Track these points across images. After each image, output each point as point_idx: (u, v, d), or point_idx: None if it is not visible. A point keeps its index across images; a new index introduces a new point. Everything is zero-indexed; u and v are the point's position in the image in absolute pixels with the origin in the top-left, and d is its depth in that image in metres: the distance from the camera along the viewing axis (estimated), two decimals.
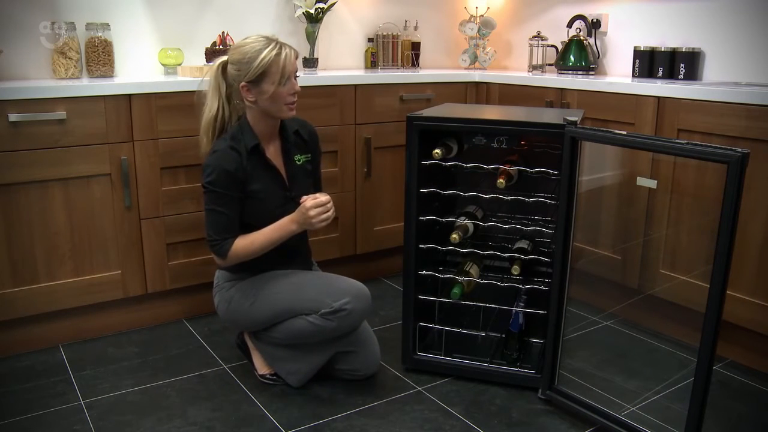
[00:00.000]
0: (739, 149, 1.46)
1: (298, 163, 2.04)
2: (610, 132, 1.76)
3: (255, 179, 1.93)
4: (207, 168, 1.89)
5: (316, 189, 2.09)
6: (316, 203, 1.87)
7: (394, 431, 1.83)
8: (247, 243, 1.91)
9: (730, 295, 2.05)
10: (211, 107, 1.96)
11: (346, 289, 1.94)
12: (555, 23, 3.25)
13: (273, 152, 2.00)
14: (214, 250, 1.94)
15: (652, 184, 2.29)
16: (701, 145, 1.55)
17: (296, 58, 1.92)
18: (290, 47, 1.90)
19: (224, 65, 1.92)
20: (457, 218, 2.16)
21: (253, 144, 1.92)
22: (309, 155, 2.09)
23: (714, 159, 1.52)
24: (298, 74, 1.94)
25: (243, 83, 1.87)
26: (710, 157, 1.53)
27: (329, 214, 1.89)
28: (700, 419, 1.59)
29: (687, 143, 1.58)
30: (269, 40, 1.87)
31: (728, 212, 1.47)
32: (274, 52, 1.85)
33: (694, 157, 1.58)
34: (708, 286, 1.52)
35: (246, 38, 1.90)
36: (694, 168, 2.22)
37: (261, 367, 2.08)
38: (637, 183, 2.35)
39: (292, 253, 2.08)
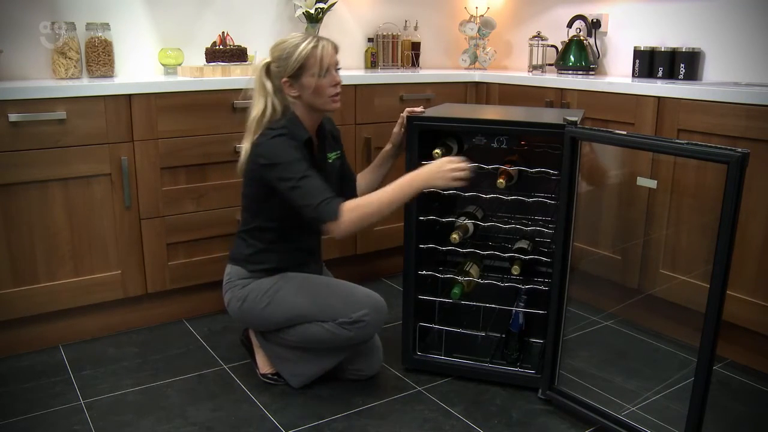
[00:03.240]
0: (739, 149, 1.47)
1: (330, 160, 2.03)
2: (610, 132, 1.76)
3: None
4: (271, 148, 1.82)
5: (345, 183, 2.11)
6: (451, 159, 1.82)
7: (394, 431, 1.83)
8: (363, 199, 1.79)
9: (730, 295, 2.04)
10: (257, 106, 1.93)
11: (365, 301, 1.94)
12: (555, 23, 3.24)
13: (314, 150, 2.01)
14: (325, 213, 1.75)
15: (652, 184, 2.29)
16: (701, 145, 1.55)
17: (335, 50, 1.91)
18: (328, 40, 1.89)
19: (268, 65, 1.91)
20: (457, 218, 2.16)
21: (306, 137, 1.90)
22: (338, 152, 2.09)
23: (714, 159, 1.52)
24: (338, 67, 1.93)
25: (285, 79, 1.87)
26: (710, 157, 1.53)
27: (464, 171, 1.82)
28: (700, 419, 1.59)
29: (687, 143, 1.58)
30: (307, 35, 1.89)
31: (728, 212, 1.47)
32: (311, 44, 1.86)
33: (694, 157, 1.58)
34: (708, 286, 1.53)
35: (286, 36, 1.90)
36: (694, 168, 2.22)
37: (263, 366, 2.08)
38: (637, 183, 2.35)
39: (308, 253, 2.08)
